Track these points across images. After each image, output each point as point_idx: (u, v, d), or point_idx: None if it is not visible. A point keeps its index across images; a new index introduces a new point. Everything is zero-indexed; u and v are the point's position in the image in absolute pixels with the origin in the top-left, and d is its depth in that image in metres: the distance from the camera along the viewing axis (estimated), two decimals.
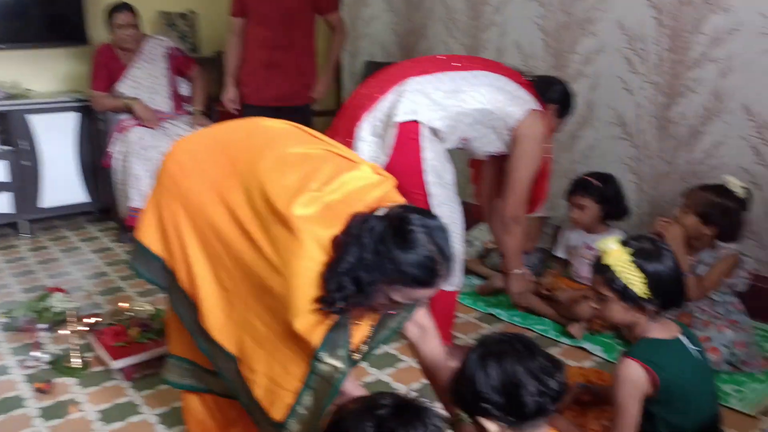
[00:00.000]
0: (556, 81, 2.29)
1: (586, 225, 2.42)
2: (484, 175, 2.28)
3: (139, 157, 3.20)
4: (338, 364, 1.30)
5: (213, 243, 1.40)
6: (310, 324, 1.27)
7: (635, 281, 1.39)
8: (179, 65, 3.51)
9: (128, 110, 3.31)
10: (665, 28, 2.45)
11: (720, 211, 1.99)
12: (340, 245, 1.27)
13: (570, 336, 2.20)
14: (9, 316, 2.45)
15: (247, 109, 3.23)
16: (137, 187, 3.21)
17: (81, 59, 3.92)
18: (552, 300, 2.36)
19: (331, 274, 1.26)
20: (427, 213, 1.35)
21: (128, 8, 3.33)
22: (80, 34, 3.82)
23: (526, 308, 2.40)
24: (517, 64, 3.01)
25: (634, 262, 1.40)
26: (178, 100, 3.52)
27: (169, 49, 3.48)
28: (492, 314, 2.43)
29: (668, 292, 1.41)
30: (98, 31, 3.90)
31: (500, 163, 2.12)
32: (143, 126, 3.28)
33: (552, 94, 2.18)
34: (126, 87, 3.37)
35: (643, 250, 1.42)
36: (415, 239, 1.25)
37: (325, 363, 1.29)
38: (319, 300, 1.27)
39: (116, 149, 3.27)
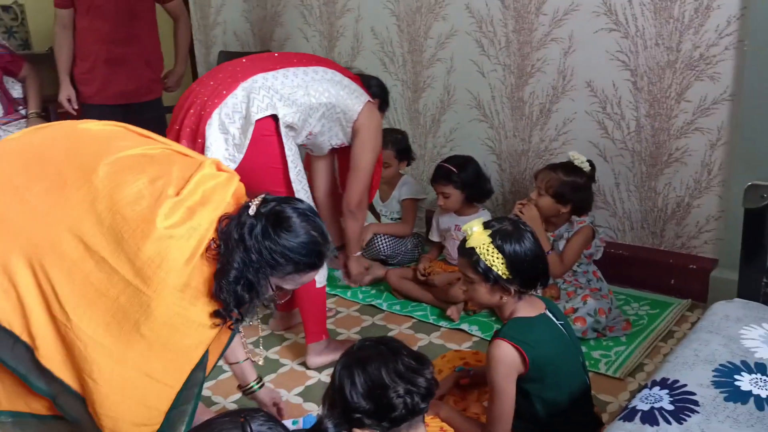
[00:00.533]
0: (373, 77, 2.42)
1: (453, 210, 2.48)
2: (315, 173, 2.29)
3: None
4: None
5: (49, 275, 1.20)
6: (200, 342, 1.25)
7: (496, 262, 1.43)
8: (6, 65, 3.12)
9: None
10: (510, 10, 2.53)
11: (571, 189, 2.11)
12: (219, 254, 1.24)
13: (449, 319, 2.25)
14: None
15: (89, 110, 2.94)
16: None
17: None
18: (429, 285, 2.40)
19: (221, 286, 1.23)
20: (292, 199, 1.37)
21: None
22: None
23: (404, 295, 2.43)
24: (375, 50, 3.03)
25: (493, 243, 1.44)
26: (9, 103, 3.15)
27: None
28: (372, 305, 2.43)
29: (528, 272, 1.46)
30: None
31: (335, 156, 2.24)
32: None
33: (373, 89, 2.25)
34: None
35: (503, 232, 1.47)
36: (296, 226, 1.29)
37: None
38: (215, 314, 1.24)
39: None
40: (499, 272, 1.43)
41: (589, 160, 2.17)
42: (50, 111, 3.23)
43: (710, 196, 2.27)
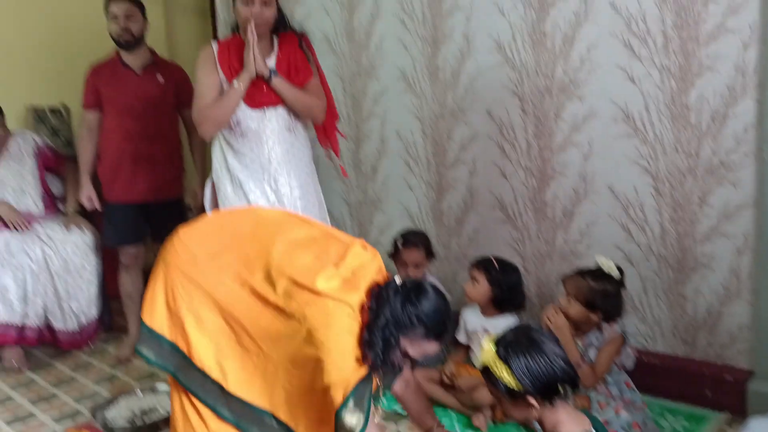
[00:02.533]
0: None
1: (476, 301, 2.45)
2: None
3: (6, 265, 2.95)
4: (360, 416, 1.56)
5: (235, 316, 1.66)
6: (344, 377, 1.54)
7: (505, 376, 1.41)
8: (49, 163, 3.30)
9: None
10: (529, 116, 2.61)
11: (602, 296, 2.08)
12: (370, 309, 1.58)
13: (476, 429, 2.18)
14: None
15: (114, 209, 3.05)
16: (4, 299, 2.94)
17: None
18: (454, 388, 2.34)
19: (369, 333, 1.56)
20: (426, 281, 1.74)
21: None
22: None
23: (429, 399, 2.37)
24: (400, 152, 3.11)
25: (500, 357, 1.43)
26: (50, 200, 3.31)
27: (37, 147, 3.28)
28: (397, 411, 2.37)
29: (542, 381, 1.43)
30: None
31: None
32: (10, 230, 3.03)
33: None
34: None
35: (510, 343, 1.46)
36: (431, 296, 1.62)
37: (350, 411, 1.55)
38: (359, 356, 1.56)
39: None
40: (512, 386, 1.40)
41: (617, 266, 2.15)
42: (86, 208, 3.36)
43: (741, 303, 2.20)
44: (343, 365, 1.55)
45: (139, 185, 2.98)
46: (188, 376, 1.71)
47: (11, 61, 3.93)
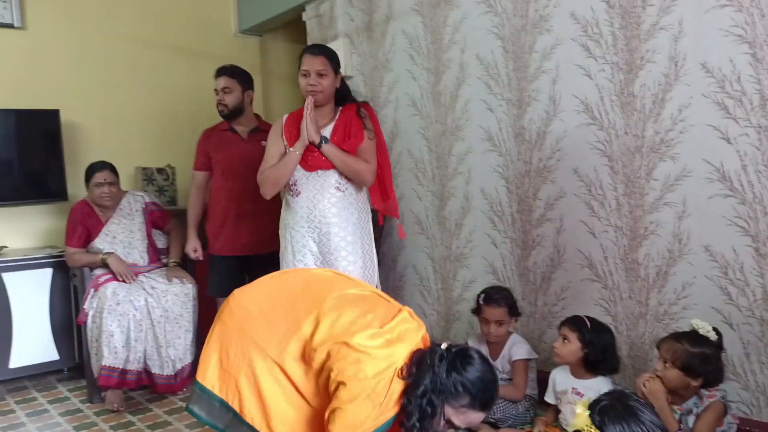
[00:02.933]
0: None
1: (566, 360, 2.40)
2: None
3: (113, 313, 3.16)
4: None
5: (283, 369, 1.71)
6: None
7: None
8: (155, 219, 3.57)
9: (104, 264, 3.32)
10: (619, 175, 2.60)
11: (701, 361, 1.99)
12: (410, 374, 1.58)
13: None
14: None
15: (218, 260, 3.24)
16: (110, 345, 3.14)
17: (58, 215, 4.00)
18: None
19: (409, 399, 1.56)
20: (473, 349, 1.70)
21: (108, 167, 3.43)
22: (60, 191, 3.93)
23: None
24: (485, 209, 3.16)
25: (594, 424, 1.40)
26: (154, 252, 3.55)
27: (145, 204, 3.56)
28: None
29: None
30: (77, 188, 4.01)
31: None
32: (117, 281, 3.26)
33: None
34: (103, 242, 3.40)
35: (606, 410, 1.43)
36: (478, 364, 1.60)
37: None
38: (400, 423, 1.57)
39: (90, 306, 3.23)
40: None
41: (714, 328, 2.08)
42: (188, 260, 3.59)
43: None
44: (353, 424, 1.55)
45: (240, 239, 3.18)
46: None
47: (126, 126, 4.33)
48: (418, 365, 1.58)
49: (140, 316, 3.23)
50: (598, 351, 2.33)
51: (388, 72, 3.70)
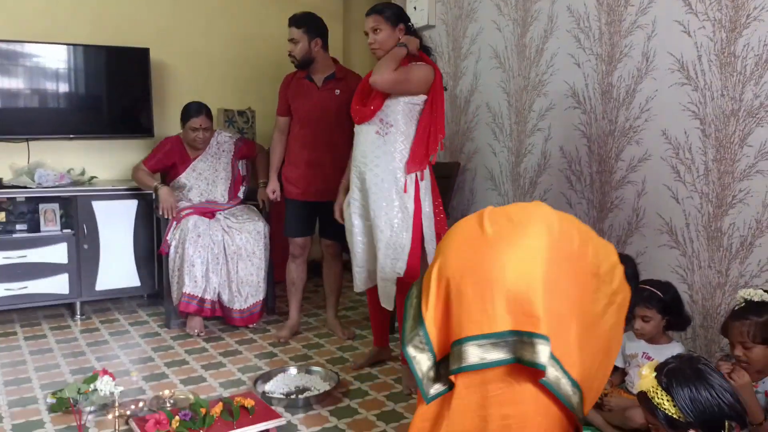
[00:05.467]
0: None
1: (650, 335, 2.35)
2: None
3: (194, 243, 3.32)
4: None
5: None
6: None
7: (666, 406, 1.36)
8: (244, 152, 3.73)
9: (156, 192, 3.48)
10: (710, 139, 2.48)
11: None
12: None
13: None
14: (57, 397, 2.50)
15: (290, 204, 3.33)
16: (191, 273, 3.31)
17: (145, 150, 4.18)
18: (602, 408, 2.27)
19: None
20: None
21: (204, 112, 3.53)
22: (147, 127, 4.10)
23: None
24: (563, 167, 3.09)
25: (661, 385, 1.38)
26: (235, 189, 3.70)
27: (234, 144, 3.70)
28: None
29: (709, 418, 1.36)
30: (162, 125, 4.17)
31: None
32: (197, 214, 3.41)
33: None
34: (189, 177, 3.57)
35: (674, 371, 1.40)
36: None
37: None
38: None
39: (173, 237, 3.40)
40: (673, 415, 1.35)
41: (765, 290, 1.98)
42: (264, 202, 3.70)
43: None
44: None
45: (311, 186, 3.25)
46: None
47: (211, 69, 4.44)
48: None
49: (217, 249, 3.38)
50: (675, 310, 2.27)
51: (472, 22, 3.62)
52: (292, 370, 2.84)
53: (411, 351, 1.73)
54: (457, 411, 1.66)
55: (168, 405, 2.47)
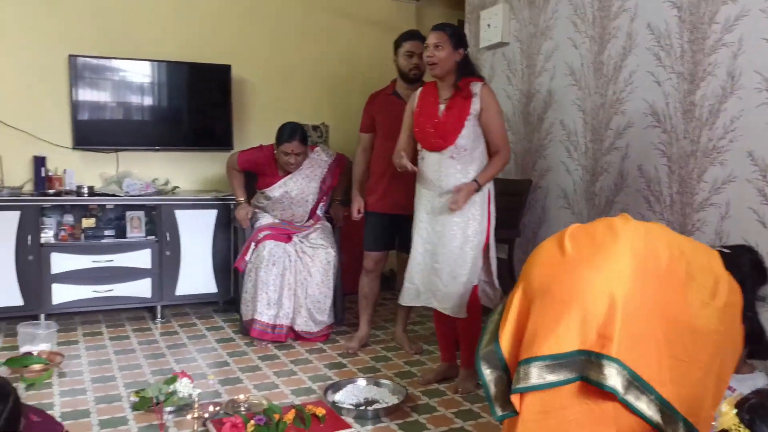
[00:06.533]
0: None
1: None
2: None
3: (269, 272, 3.43)
4: None
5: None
6: None
7: None
8: (336, 173, 3.69)
9: (236, 205, 3.64)
10: None
11: None
12: None
13: None
14: (140, 396, 2.63)
15: (370, 216, 3.39)
16: (263, 300, 3.41)
17: (223, 162, 4.35)
18: None
19: None
20: None
21: (298, 137, 3.46)
22: (226, 141, 4.28)
23: None
24: (641, 187, 3.02)
25: (745, 423, 1.32)
26: (315, 209, 3.71)
27: (329, 165, 3.65)
28: None
29: None
30: (241, 139, 4.34)
31: None
32: (274, 239, 3.49)
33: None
34: (276, 192, 3.58)
35: (756, 407, 1.34)
36: None
37: None
38: None
39: (250, 259, 3.50)
40: None
41: None
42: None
43: None
44: None
45: (392, 198, 3.28)
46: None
47: (288, 84, 4.61)
48: None
49: (290, 275, 3.47)
50: (755, 338, 2.17)
51: (547, 39, 3.61)
52: (361, 382, 2.89)
53: (483, 367, 1.74)
54: None
55: (243, 409, 2.56)
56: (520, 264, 3.72)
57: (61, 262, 3.64)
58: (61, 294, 3.65)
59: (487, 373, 1.73)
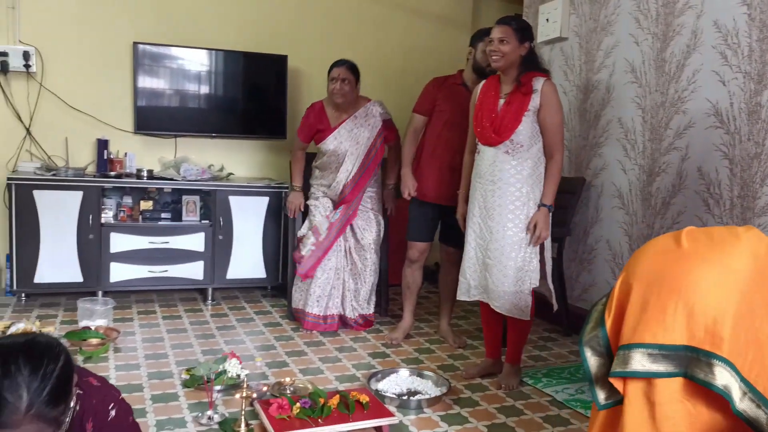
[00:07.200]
0: None
1: None
2: None
3: (322, 267, 3.48)
4: None
5: None
6: None
7: None
8: (386, 134, 3.60)
9: (291, 189, 3.66)
10: None
11: None
12: None
13: None
14: (190, 374, 2.72)
15: (416, 204, 3.34)
16: (315, 294, 3.47)
17: (276, 151, 4.44)
18: None
19: None
20: None
21: (347, 64, 3.47)
22: (280, 129, 4.35)
23: None
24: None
25: None
26: (370, 168, 3.56)
27: (383, 120, 3.56)
28: None
29: None
30: (295, 127, 4.41)
31: None
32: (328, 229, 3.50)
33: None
34: (330, 143, 3.51)
35: None
36: None
37: None
38: None
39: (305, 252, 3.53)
40: None
41: None
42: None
43: None
44: None
45: (441, 189, 3.26)
46: None
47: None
48: None
49: (341, 267, 3.51)
50: None
51: (608, 35, 3.53)
52: (404, 372, 2.90)
53: (587, 352, 1.72)
54: (630, 428, 1.60)
55: (288, 391, 2.61)
56: (571, 263, 3.69)
57: (119, 242, 3.78)
58: (119, 272, 3.79)
59: (591, 359, 1.70)
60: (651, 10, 3.23)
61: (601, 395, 1.68)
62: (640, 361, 1.57)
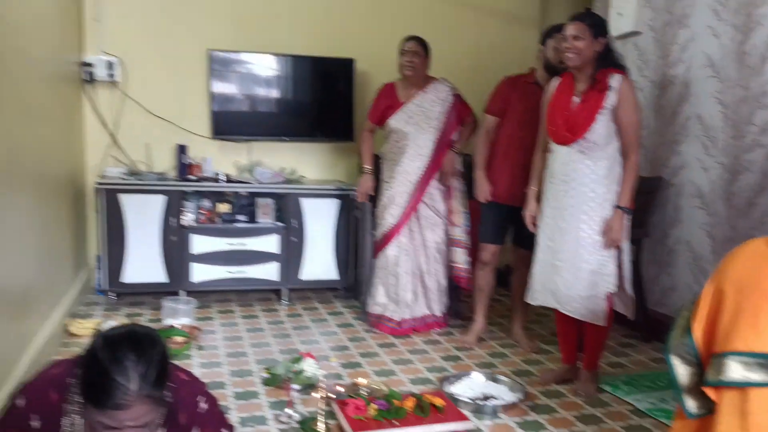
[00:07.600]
0: None
1: None
2: None
3: (395, 275, 3.54)
4: None
5: None
6: None
7: None
8: (459, 109, 3.59)
9: (360, 173, 3.68)
10: None
11: None
12: None
13: None
14: (270, 373, 2.82)
15: (489, 205, 3.32)
16: (390, 297, 3.53)
17: (345, 154, 4.52)
18: None
19: None
20: None
21: (417, 39, 3.53)
22: (347, 133, 4.42)
23: None
24: None
25: None
26: (442, 148, 3.54)
27: (453, 94, 3.56)
28: None
29: None
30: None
31: None
32: (398, 238, 3.54)
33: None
34: (399, 120, 3.52)
35: None
36: None
37: None
38: None
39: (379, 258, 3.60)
40: None
41: None
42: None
43: None
44: None
45: (514, 189, 3.22)
46: None
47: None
48: None
49: (413, 269, 3.56)
50: None
51: (683, 28, 3.41)
52: (478, 376, 2.91)
53: (674, 360, 1.69)
54: None
55: (364, 392, 2.67)
56: (649, 266, 3.59)
57: (199, 244, 3.95)
58: (200, 273, 3.96)
59: (679, 367, 1.68)
60: (730, 1, 3.10)
61: (691, 404, 1.65)
62: (737, 370, 1.53)
